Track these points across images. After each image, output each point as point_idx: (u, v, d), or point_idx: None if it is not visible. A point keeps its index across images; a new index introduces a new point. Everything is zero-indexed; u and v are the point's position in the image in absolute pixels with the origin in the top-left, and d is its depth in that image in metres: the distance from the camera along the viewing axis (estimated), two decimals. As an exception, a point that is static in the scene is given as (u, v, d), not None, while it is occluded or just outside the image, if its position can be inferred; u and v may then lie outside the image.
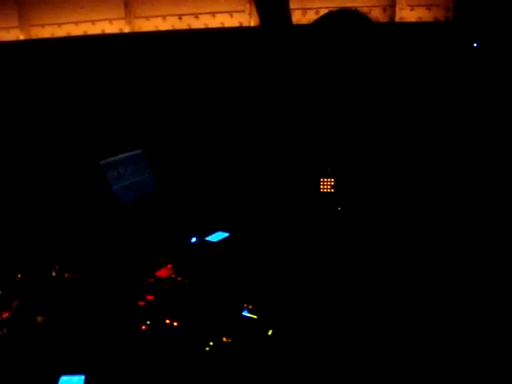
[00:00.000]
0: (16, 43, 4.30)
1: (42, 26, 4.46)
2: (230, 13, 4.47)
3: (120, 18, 4.55)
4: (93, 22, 4.55)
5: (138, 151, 3.52)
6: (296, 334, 2.49)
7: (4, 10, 4.21)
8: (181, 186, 3.61)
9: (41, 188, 3.31)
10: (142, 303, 2.48)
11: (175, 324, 2.45)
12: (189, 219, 3.36)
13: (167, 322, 2.45)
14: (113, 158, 3.29)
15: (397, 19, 3.96)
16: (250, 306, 2.64)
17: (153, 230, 3.23)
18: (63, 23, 4.50)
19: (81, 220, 3.19)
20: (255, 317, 2.57)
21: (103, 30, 4.58)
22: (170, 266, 2.79)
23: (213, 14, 4.51)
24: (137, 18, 4.60)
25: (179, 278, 2.69)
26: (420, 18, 3.99)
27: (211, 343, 2.35)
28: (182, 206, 3.49)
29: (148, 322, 2.41)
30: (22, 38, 4.32)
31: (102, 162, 3.22)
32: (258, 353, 2.35)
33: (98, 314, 2.41)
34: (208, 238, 3.03)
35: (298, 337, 2.47)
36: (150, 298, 2.52)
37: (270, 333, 2.51)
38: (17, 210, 3.19)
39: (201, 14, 4.53)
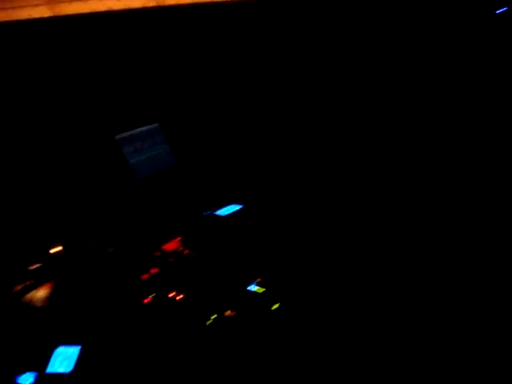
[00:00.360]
0: (43, 20, 4.31)
1: (70, 1, 4.47)
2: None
3: None
4: (117, -3, 4.51)
5: (156, 125, 3.50)
6: (301, 309, 2.42)
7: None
8: (197, 159, 3.57)
9: (59, 166, 3.34)
10: (145, 276, 2.48)
11: (178, 298, 2.44)
12: (204, 192, 3.33)
13: (170, 295, 2.44)
14: (129, 133, 3.28)
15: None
16: (259, 279, 2.59)
17: (168, 203, 3.22)
18: (88, -1, 4.48)
19: (99, 195, 3.21)
20: (261, 291, 2.52)
21: (129, 6, 4.55)
22: (178, 239, 2.78)
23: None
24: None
25: (186, 252, 2.68)
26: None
27: (213, 317, 2.32)
28: (197, 179, 3.46)
29: (151, 296, 2.41)
30: (48, 15, 4.34)
31: (117, 136, 3.21)
32: (260, 327, 2.31)
33: (100, 289, 2.42)
34: (219, 211, 2.99)
35: (303, 312, 2.41)
36: (154, 271, 2.51)
37: (274, 307, 2.46)
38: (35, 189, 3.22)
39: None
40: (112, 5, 4.60)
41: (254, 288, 2.61)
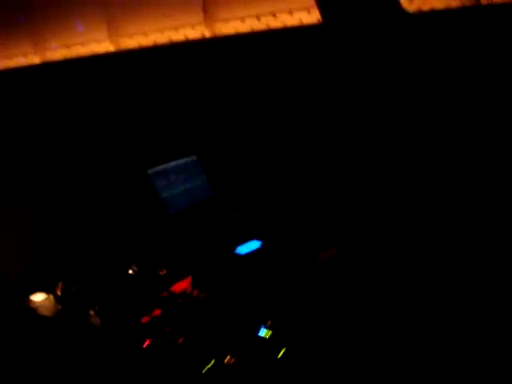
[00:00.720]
0: (107, 55, 4.52)
1: (130, 35, 4.64)
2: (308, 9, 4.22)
3: (201, 23, 4.56)
4: (176, 28, 4.62)
5: (193, 157, 3.48)
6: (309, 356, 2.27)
7: (93, 22, 4.45)
8: (235, 191, 3.49)
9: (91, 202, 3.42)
10: (146, 319, 2.43)
11: (179, 341, 2.36)
12: (238, 227, 3.24)
13: (172, 338, 2.37)
14: (162, 166, 3.29)
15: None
16: (268, 323, 2.46)
17: (201, 238, 3.17)
18: (149, 32, 4.63)
19: (132, 229, 3.24)
20: (268, 335, 2.38)
21: (186, 36, 4.63)
22: (189, 278, 2.71)
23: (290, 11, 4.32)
24: (218, 21, 4.58)
25: (195, 293, 2.59)
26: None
27: (211, 364, 2.22)
28: (233, 213, 3.37)
29: (150, 339, 2.35)
30: (111, 49, 4.53)
31: (149, 170, 3.23)
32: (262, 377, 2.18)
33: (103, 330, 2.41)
34: (238, 249, 2.88)
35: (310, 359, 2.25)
36: (157, 313, 2.46)
37: (280, 354, 2.31)
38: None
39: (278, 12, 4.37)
40: (171, 35, 4.70)
41: (262, 333, 2.48)
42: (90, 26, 4.64)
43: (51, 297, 2.59)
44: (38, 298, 2.57)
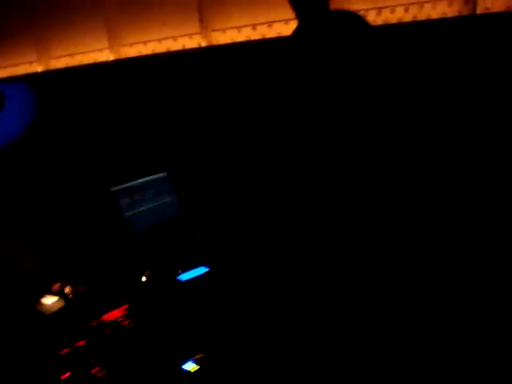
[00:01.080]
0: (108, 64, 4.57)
1: (131, 45, 4.67)
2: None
3: (197, 33, 4.51)
4: (174, 38, 4.60)
5: (163, 174, 3.43)
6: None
7: (94, 32, 4.51)
8: (203, 210, 3.42)
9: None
10: (65, 351, 2.41)
11: (99, 374, 2.34)
12: (196, 250, 3.17)
13: (92, 371, 2.35)
14: (128, 184, 3.27)
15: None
16: (198, 356, 2.38)
17: (154, 261, 3.13)
18: (149, 41, 4.64)
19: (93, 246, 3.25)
20: (194, 369, 2.31)
21: (184, 46, 4.60)
22: (125, 307, 2.66)
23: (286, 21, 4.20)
24: (214, 31, 4.51)
25: (125, 323, 2.54)
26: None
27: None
28: (199, 233, 3.30)
29: (70, 371, 2.34)
30: (112, 58, 4.58)
31: (113, 188, 3.22)
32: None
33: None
34: (180, 275, 2.80)
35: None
36: (80, 343, 2.43)
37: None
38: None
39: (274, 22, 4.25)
40: (170, 45, 4.68)
41: (188, 366, 2.40)
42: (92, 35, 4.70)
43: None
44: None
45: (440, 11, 3.58)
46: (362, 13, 3.49)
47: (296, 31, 3.09)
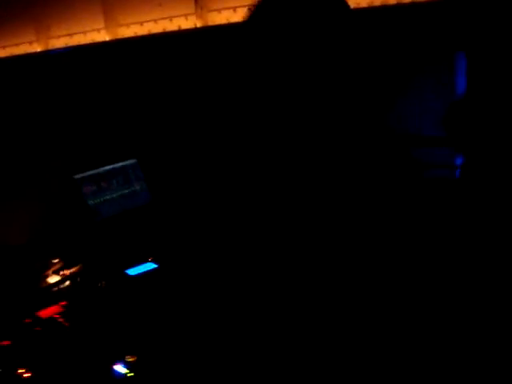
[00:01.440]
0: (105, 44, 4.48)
1: (127, 25, 4.56)
2: None
3: (193, 14, 4.35)
4: (170, 18, 4.45)
5: (132, 161, 3.31)
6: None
7: (91, 11, 4.42)
8: (175, 197, 3.27)
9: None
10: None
11: (25, 376, 2.26)
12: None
13: (18, 372, 2.27)
14: (94, 171, 3.17)
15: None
16: (131, 359, 2.27)
17: (113, 251, 3.02)
18: (145, 21, 4.51)
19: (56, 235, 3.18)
20: (127, 374, 2.21)
21: (179, 26, 4.46)
22: (63, 303, 2.56)
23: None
24: (210, 12, 4.34)
25: (61, 320, 2.45)
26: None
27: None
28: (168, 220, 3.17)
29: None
30: (108, 38, 4.49)
31: (76, 176, 3.13)
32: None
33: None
34: (130, 269, 2.67)
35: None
36: (6, 343, 2.35)
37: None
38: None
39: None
40: (166, 26, 4.53)
41: (121, 370, 2.29)
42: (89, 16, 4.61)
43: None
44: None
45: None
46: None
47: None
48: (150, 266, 2.74)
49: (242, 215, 2.54)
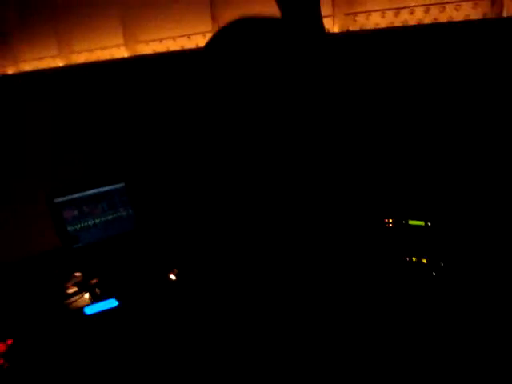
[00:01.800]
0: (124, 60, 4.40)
1: (146, 42, 4.47)
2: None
3: (210, 31, 4.19)
4: (189, 36, 4.32)
5: (120, 185, 3.13)
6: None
7: (110, 28, 4.36)
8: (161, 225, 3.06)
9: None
10: None
11: None
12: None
13: None
14: (76, 195, 3.02)
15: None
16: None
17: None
18: (164, 39, 4.41)
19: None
20: None
21: (197, 44, 4.32)
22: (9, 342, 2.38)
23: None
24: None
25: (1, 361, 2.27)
26: None
27: None
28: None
29: None
30: (126, 55, 4.41)
31: (56, 200, 2.99)
32: None
33: None
34: (89, 307, 2.46)
35: None
36: None
37: None
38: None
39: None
40: (184, 43, 4.40)
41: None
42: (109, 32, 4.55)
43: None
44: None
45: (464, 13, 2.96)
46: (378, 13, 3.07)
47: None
48: (112, 303, 2.51)
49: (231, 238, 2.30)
